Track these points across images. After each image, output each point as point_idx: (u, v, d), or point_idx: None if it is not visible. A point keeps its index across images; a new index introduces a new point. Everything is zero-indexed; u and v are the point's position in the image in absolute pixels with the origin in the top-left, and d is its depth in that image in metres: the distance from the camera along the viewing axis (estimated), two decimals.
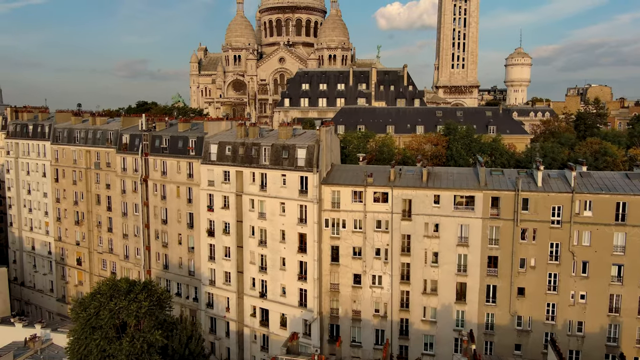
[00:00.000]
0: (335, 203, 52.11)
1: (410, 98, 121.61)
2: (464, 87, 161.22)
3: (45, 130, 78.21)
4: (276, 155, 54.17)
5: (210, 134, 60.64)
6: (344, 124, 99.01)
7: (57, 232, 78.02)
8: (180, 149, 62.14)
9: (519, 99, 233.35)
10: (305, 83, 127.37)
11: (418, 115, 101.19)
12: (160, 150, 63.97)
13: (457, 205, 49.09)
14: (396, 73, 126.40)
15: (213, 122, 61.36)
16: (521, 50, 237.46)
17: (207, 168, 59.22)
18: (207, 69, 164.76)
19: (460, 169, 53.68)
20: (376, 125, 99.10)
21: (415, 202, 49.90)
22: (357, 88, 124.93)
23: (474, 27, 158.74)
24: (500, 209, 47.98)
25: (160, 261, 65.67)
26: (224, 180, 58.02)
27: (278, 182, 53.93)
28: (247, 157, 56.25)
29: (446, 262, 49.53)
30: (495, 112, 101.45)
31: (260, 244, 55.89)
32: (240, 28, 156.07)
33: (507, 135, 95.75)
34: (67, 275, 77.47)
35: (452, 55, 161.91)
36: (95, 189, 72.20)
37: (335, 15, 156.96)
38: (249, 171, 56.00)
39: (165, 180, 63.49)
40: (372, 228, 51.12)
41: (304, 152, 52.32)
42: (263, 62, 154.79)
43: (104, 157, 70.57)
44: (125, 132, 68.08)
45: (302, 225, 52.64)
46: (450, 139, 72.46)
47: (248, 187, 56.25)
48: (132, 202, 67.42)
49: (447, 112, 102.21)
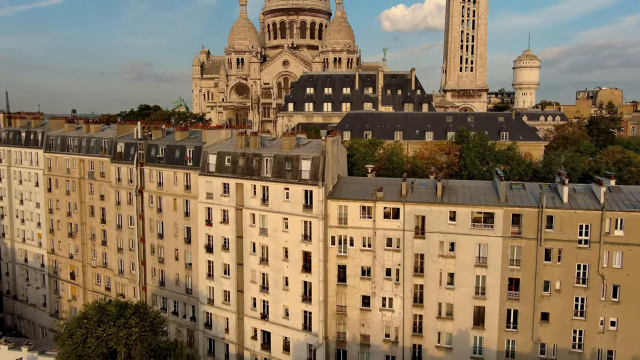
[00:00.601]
0: (342, 219, 48.33)
1: (418, 102, 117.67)
2: (472, 90, 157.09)
3: (38, 137, 74.81)
4: (279, 167, 50.47)
5: (208, 143, 57.01)
6: (350, 130, 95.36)
7: (50, 244, 74.53)
8: (177, 159, 58.54)
9: (527, 102, 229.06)
10: (309, 87, 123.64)
11: (427, 120, 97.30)
12: (156, 160, 60.40)
13: (475, 222, 45.21)
14: (403, 77, 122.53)
15: (212, 131, 57.74)
16: (529, 53, 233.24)
17: (205, 180, 55.59)
18: (210, 72, 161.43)
19: (477, 182, 49.80)
20: (383, 131, 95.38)
21: (429, 218, 46.06)
22: (363, 92, 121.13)
23: (483, 29, 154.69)
24: (522, 227, 44.09)
25: (156, 277, 62.02)
26: (223, 193, 54.35)
27: (281, 196, 50.22)
28: (247, 168, 52.57)
29: (463, 284, 45.63)
30: (507, 117, 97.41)
31: (262, 262, 52.16)
32: (243, 30, 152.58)
33: (521, 141, 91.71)
34: (61, 290, 73.95)
35: (460, 58, 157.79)
36: (89, 199, 68.67)
37: (341, 17, 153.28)
38: (249, 184, 52.33)
39: (161, 192, 59.89)
40: (382, 246, 47.31)
41: (309, 164, 48.58)
42: (266, 66, 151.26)
43: (98, 167, 67.06)
44: (120, 140, 64.56)
45: (307, 243, 48.88)
46: (463, 147, 68.53)
47: (249, 201, 52.57)
48: (127, 215, 63.85)
49: (457, 117, 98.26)
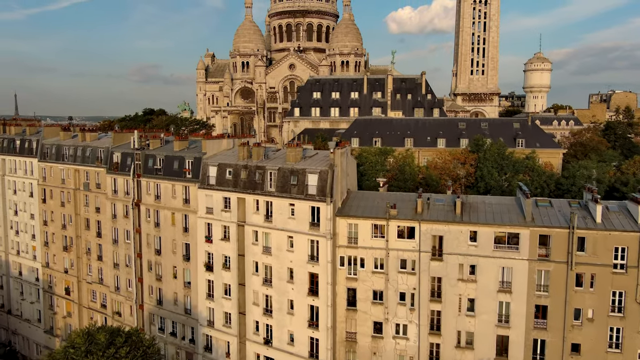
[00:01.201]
0: (352, 238, 44.50)
1: (428, 107, 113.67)
2: (483, 94, 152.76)
3: (32, 146, 71.52)
4: (283, 180, 46.72)
5: (209, 154, 53.38)
6: (359, 137, 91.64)
7: (45, 258, 71.14)
8: (175, 170, 54.94)
9: (538, 105, 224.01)
10: (316, 91, 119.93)
11: (439, 126, 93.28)
12: (153, 172, 56.85)
13: (498, 243, 41.22)
14: (414, 80, 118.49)
15: (212, 141, 54.09)
16: (541, 55, 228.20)
17: (205, 193, 51.95)
18: (215, 75, 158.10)
19: (499, 198, 45.78)
20: (393, 138, 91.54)
21: (447, 239, 42.13)
22: (371, 97, 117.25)
23: (495, 32, 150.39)
24: (550, 249, 40.06)
25: (153, 295, 58.42)
26: (224, 208, 50.67)
27: (285, 213, 46.46)
28: (250, 182, 48.86)
29: (484, 310, 41.64)
30: (523, 123, 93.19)
31: (265, 283, 48.40)
32: (248, 33, 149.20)
33: (538, 149, 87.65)
34: (56, 306, 70.50)
35: (471, 61, 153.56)
36: (84, 212, 65.24)
37: (348, 20, 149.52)
38: (252, 198, 48.62)
39: (159, 206, 56.31)
40: (396, 268, 43.42)
41: (316, 178, 44.79)
42: (272, 69, 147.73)
43: (93, 178, 63.61)
44: (117, 150, 61.09)
45: (313, 264, 45.07)
46: (479, 156, 64.50)
47: (251, 217, 48.85)
48: (123, 229, 60.34)
49: (471, 123, 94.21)
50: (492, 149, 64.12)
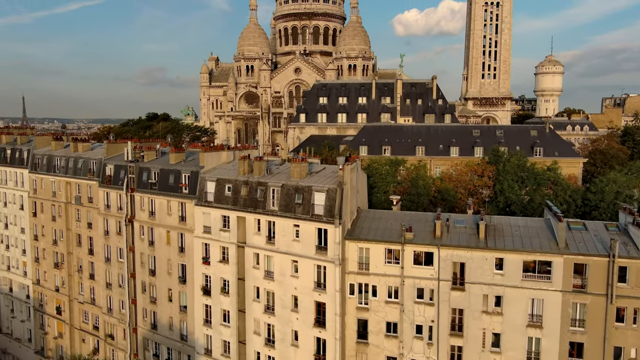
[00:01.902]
0: (363, 264, 40.17)
1: (440, 113, 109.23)
2: (495, 98, 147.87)
3: (23, 156, 67.69)
4: (287, 199, 42.48)
5: (207, 167, 49.23)
6: (367, 145, 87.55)
7: (36, 275, 67.25)
8: (171, 185, 50.84)
9: (550, 109, 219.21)
10: (322, 96, 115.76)
11: (452, 134, 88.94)
12: (148, 186, 52.77)
13: (528, 272, 36.78)
14: (424, 85, 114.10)
15: (210, 154, 49.88)
16: (552, 58, 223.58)
17: (202, 211, 47.80)
18: (219, 79, 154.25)
19: (527, 220, 41.31)
20: (404, 146, 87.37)
21: (469, 266, 37.72)
22: (380, 102, 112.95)
23: (507, 34, 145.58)
24: (587, 279, 35.57)
25: (147, 319, 54.29)
26: (222, 227, 46.50)
27: (289, 234, 42.21)
28: (251, 199, 44.66)
29: (512, 347, 37.17)
30: (540, 130, 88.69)
31: (267, 311, 44.12)
32: (253, 36, 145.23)
33: (556, 158, 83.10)
34: (47, 325, 66.56)
35: (483, 65, 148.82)
36: (75, 227, 61.28)
37: (356, 22, 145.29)
38: (253, 217, 44.40)
39: (153, 223, 52.22)
40: (412, 298, 39.05)
41: (323, 197, 40.52)
42: (277, 73, 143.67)
43: (85, 191, 59.66)
44: (110, 162, 57.11)
45: (320, 292, 40.77)
46: (499, 168, 59.98)
47: (252, 238, 44.64)
48: (116, 246, 56.31)
49: (485, 131, 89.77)
50: (512, 160, 59.57)
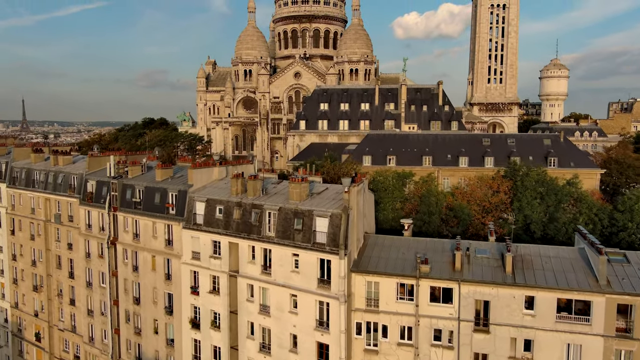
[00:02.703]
0: (372, 300, 35.23)
1: (446, 120, 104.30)
2: (502, 104, 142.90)
3: (1, 169, 62.80)
4: (285, 224, 37.54)
5: (196, 185, 44.29)
6: (371, 154, 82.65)
7: (14, 297, 62.26)
8: (156, 205, 45.87)
9: (555, 114, 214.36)
10: (323, 102, 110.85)
11: (460, 143, 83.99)
12: (132, 205, 47.81)
13: (562, 312, 31.85)
14: (429, 90, 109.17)
15: (200, 170, 44.88)
16: (557, 62, 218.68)
17: (190, 235, 42.85)
18: (216, 84, 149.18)
19: (558, 249, 36.32)
20: (410, 156, 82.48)
21: (495, 305, 32.77)
22: (384, 108, 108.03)
23: (514, 37, 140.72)
24: (632, 322, 30.66)
25: (132, 351, 49.27)
26: (213, 254, 41.55)
27: (288, 264, 37.26)
28: (244, 223, 39.71)
29: None
30: (554, 139, 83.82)
31: (262, 350, 39.13)
32: (251, 40, 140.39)
33: (572, 169, 78.43)
34: (25, 352, 61.54)
35: (489, 69, 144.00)
36: (55, 248, 56.33)
37: (357, 25, 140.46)
38: (246, 244, 39.46)
39: (137, 246, 47.26)
40: (428, 340, 34.08)
41: (326, 223, 35.58)
42: (276, 78, 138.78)
43: (65, 209, 54.71)
44: (91, 177, 52.18)
45: (323, 332, 35.77)
46: (517, 184, 54.99)
47: (245, 267, 39.68)
48: (98, 270, 51.36)
49: (496, 139, 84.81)
50: (531, 174, 54.58)
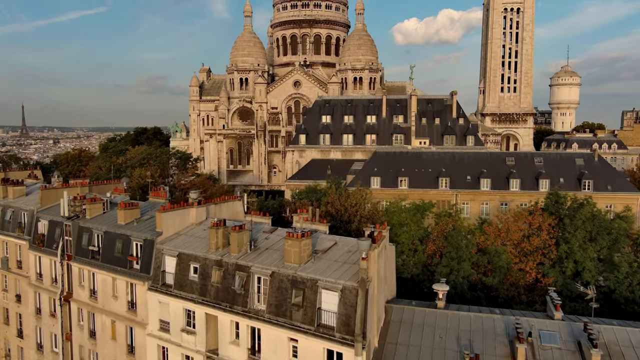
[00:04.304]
0: None
1: (461, 134, 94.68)
2: (516, 114, 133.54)
3: None
4: (280, 295, 27.79)
5: (166, 233, 34.57)
6: (380, 175, 73.18)
7: None
8: (117, 257, 36.15)
9: (566, 123, 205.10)
10: (325, 114, 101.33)
11: (481, 162, 74.45)
12: (88, 254, 38.09)
13: None
14: (442, 101, 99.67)
15: (171, 213, 35.11)
16: (569, 69, 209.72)
17: (158, 299, 33.11)
18: (210, 93, 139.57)
19: None
20: (424, 177, 72.96)
21: None
22: (392, 121, 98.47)
23: (529, 43, 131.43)
24: None
25: None
26: (185, 326, 31.79)
27: (282, 351, 27.47)
28: (226, 290, 29.98)
29: None
30: (588, 158, 74.20)
31: None
32: (248, 46, 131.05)
33: (609, 193, 69.00)
34: None
35: (502, 77, 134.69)
36: (2, 298, 46.57)
37: (362, 30, 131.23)
38: (228, 318, 29.70)
39: (95, 307, 37.51)
40: None
41: (336, 299, 25.83)
42: (274, 86, 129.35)
43: (14, 252, 44.96)
44: (44, 215, 42.46)
45: None
46: (564, 222, 45.19)
47: (227, 348, 29.89)
48: (49, 332, 41.58)
49: (521, 159, 75.19)
50: (584, 210, 44.77)
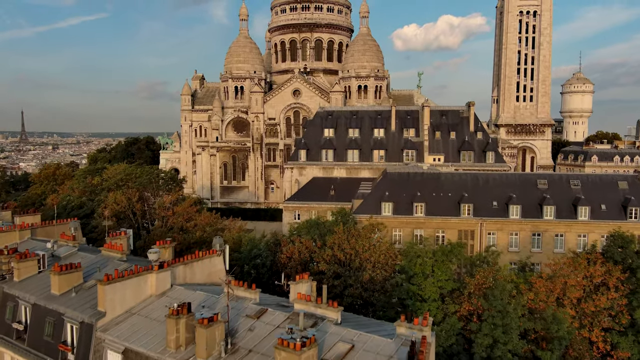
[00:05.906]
0: None
1: (480, 150, 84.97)
2: (532, 125, 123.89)
3: None
4: None
5: (111, 314, 24.61)
6: (392, 201, 63.46)
7: None
8: (47, 342, 26.22)
9: (579, 132, 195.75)
10: (328, 127, 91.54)
11: (508, 185, 64.66)
12: (12, 334, 28.14)
13: None
14: (457, 113, 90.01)
15: (120, 284, 25.14)
16: (581, 76, 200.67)
17: None
18: (204, 102, 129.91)
19: None
20: (443, 203, 63.30)
21: None
22: (402, 135, 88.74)
23: (546, 49, 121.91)
24: None
25: None
26: None
27: None
28: None
29: None
30: (632, 182, 64.30)
31: None
32: (243, 52, 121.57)
33: None
34: None
35: (517, 85, 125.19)
36: None
37: (367, 35, 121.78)
38: None
39: None
40: None
41: None
42: (272, 95, 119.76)
43: None
44: None
45: None
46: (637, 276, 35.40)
47: None
48: None
49: (555, 181, 65.26)
50: None
